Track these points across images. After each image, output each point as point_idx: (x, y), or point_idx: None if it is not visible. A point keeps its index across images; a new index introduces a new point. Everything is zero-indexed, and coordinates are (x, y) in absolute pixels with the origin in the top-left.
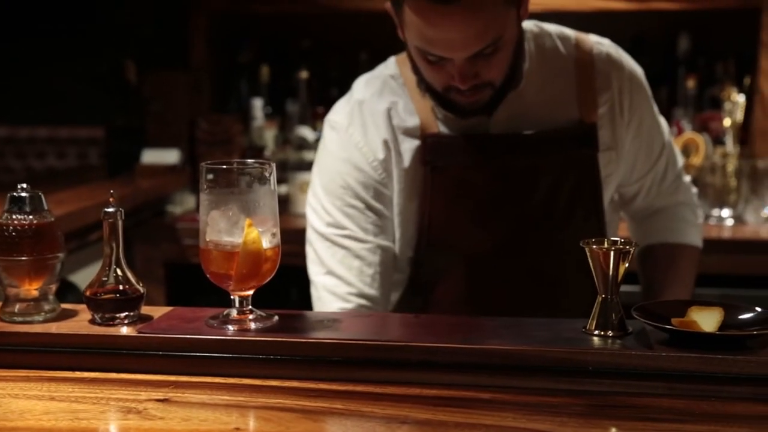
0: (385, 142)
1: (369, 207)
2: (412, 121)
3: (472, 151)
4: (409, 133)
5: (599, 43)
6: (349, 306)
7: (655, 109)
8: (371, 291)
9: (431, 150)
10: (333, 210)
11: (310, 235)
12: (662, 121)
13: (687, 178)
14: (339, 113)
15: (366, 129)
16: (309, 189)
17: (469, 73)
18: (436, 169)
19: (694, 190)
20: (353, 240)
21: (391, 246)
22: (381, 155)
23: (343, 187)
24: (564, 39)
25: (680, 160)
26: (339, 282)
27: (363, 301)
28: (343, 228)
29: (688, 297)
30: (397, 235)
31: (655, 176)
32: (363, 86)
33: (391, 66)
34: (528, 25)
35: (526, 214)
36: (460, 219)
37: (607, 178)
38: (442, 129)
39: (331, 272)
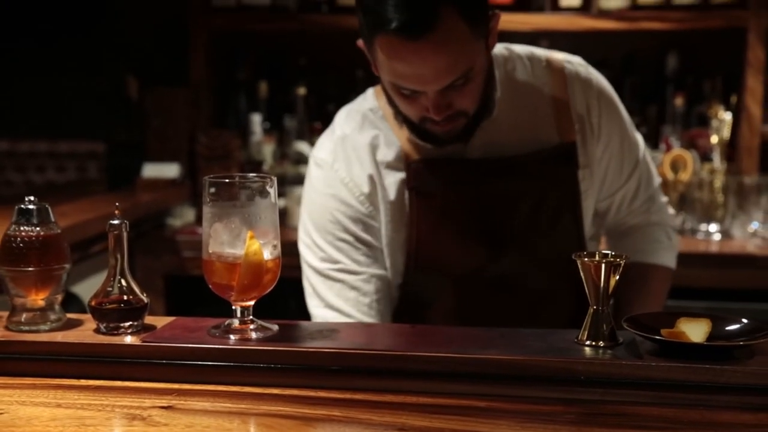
0: (371, 177)
1: (359, 239)
2: (394, 153)
3: (454, 174)
4: (392, 166)
5: (569, 62)
6: None
7: (628, 125)
8: (369, 320)
9: (415, 175)
10: (324, 245)
11: (306, 270)
12: (638, 139)
13: (663, 199)
14: (323, 150)
15: (350, 164)
16: (299, 225)
17: (442, 104)
18: (420, 194)
19: (671, 211)
20: (347, 273)
21: (384, 273)
22: (366, 189)
23: (332, 222)
24: (534, 60)
25: (656, 180)
26: (337, 315)
27: None
28: (336, 262)
29: None
30: (387, 263)
31: (626, 194)
32: (344, 121)
33: (369, 99)
34: (498, 49)
35: (509, 234)
36: (446, 242)
37: (585, 194)
38: (424, 155)
39: (329, 306)
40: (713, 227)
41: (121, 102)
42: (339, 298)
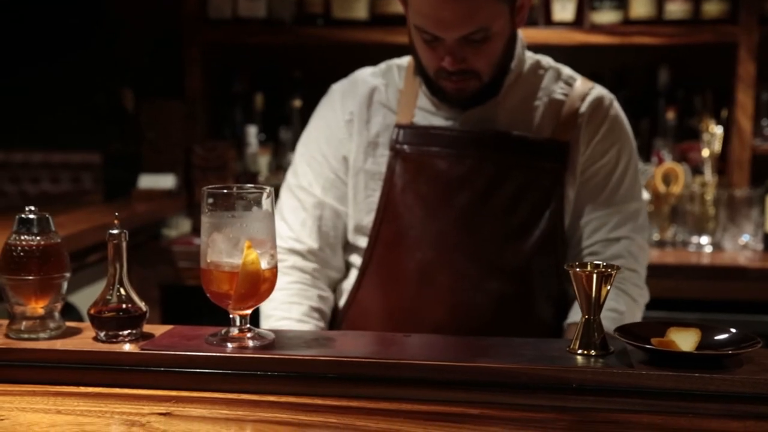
0: (359, 107)
1: (327, 162)
2: (393, 103)
3: (438, 140)
4: (385, 107)
5: (595, 88)
6: (282, 245)
7: (630, 175)
8: (309, 241)
9: (401, 138)
10: (299, 161)
11: (282, 185)
12: (636, 194)
13: (641, 272)
14: (338, 82)
15: (347, 93)
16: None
17: (458, 56)
18: (400, 153)
19: (646, 289)
20: (306, 193)
21: (341, 210)
22: (348, 117)
23: (312, 139)
24: (566, 78)
25: (639, 242)
26: (284, 226)
27: (297, 245)
28: (302, 176)
29: None
30: (351, 208)
31: (587, 224)
32: (371, 68)
33: (404, 59)
34: (543, 60)
35: (479, 211)
36: (413, 203)
37: (570, 198)
38: (416, 121)
39: (282, 218)
40: (704, 240)
41: (117, 114)
42: (292, 213)
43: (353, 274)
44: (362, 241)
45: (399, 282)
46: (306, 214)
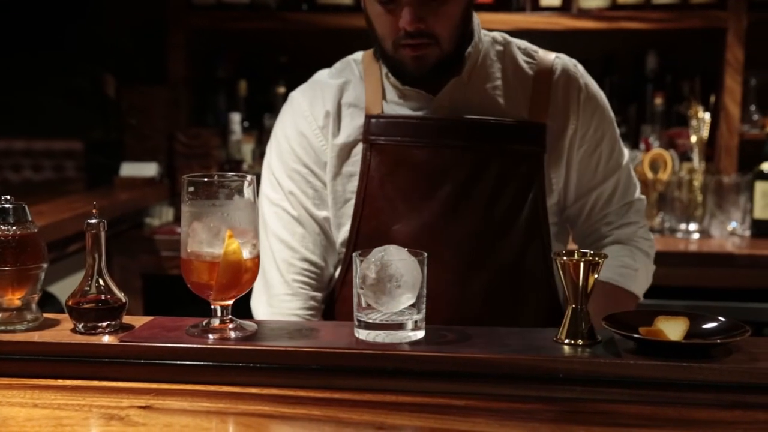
0: (327, 113)
1: (312, 172)
2: (360, 99)
3: (414, 130)
4: (353, 107)
5: (559, 57)
6: (294, 269)
7: (616, 134)
8: (314, 257)
9: (373, 129)
10: (281, 175)
11: (261, 200)
12: (623, 150)
13: (643, 221)
14: (297, 90)
15: (314, 99)
16: (264, 161)
17: (416, 14)
18: (374, 148)
19: (651, 236)
20: (297, 207)
21: (327, 216)
22: (321, 122)
23: (288, 152)
24: (528, 49)
25: (637, 194)
26: (283, 247)
27: (307, 266)
28: (287, 191)
29: None
30: (331, 212)
31: (600, 195)
32: (327, 69)
33: (358, 54)
34: (497, 35)
35: (462, 202)
36: (393, 196)
37: (553, 181)
38: (387, 110)
39: (276, 236)
40: (692, 226)
41: (99, 100)
42: (286, 230)
43: (338, 269)
44: (343, 236)
45: None
46: (304, 230)
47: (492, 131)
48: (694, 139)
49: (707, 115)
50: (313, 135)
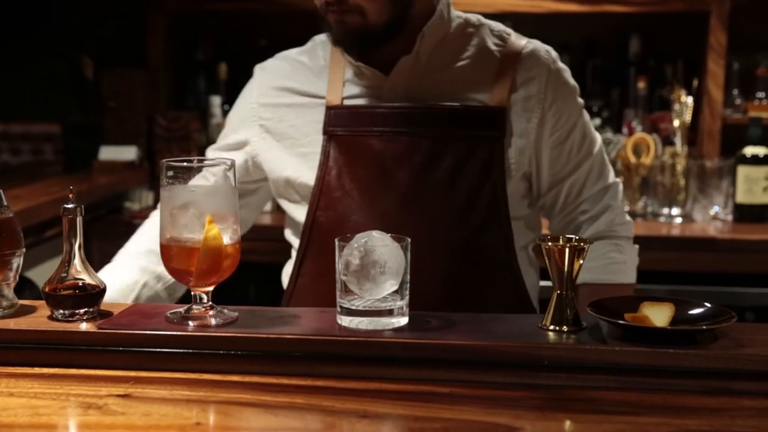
0: (283, 88)
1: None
2: (320, 86)
3: (369, 119)
4: (309, 94)
5: (531, 42)
6: None
7: (586, 121)
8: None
9: (331, 120)
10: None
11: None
12: (595, 136)
13: (620, 208)
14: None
15: (271, 72)
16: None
17: None
18: (334, 137)
19: (628, 218)
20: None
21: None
22: (267, 99)
23: (229, 119)
24: (500, 32)
25: (611, 178)
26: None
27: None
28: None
29: None
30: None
31: (575, 183)
32: (297, 49)
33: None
34: (472, 17)
35: (420, 189)
36: (351, 187)
37: (513, 166)
38: (346, 102)
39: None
40: (675, 211)
41: (77, 83)
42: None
43: (293, 258)
44: (299, 223)
45: None
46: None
47: (448, 116)
48: (676, 123)
49: (690, 99)
50: (259, 106)
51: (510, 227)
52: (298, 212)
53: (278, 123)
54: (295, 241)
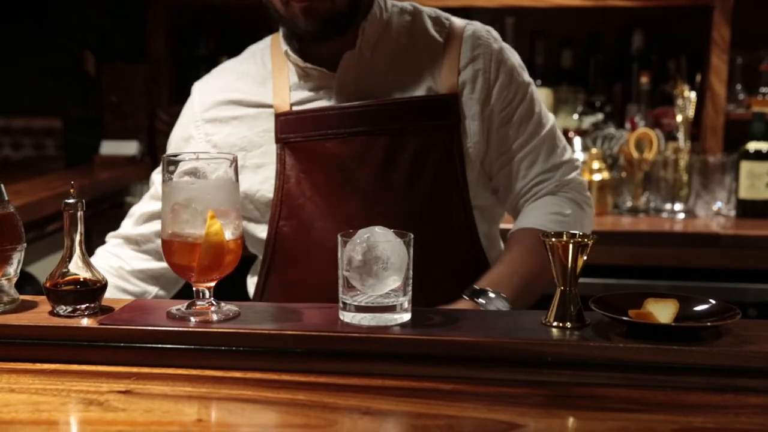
0: (227, 102)
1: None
2: (265, 94)
3: (324, 122)
4: (255, 104)
5: (471, 24)
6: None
7: (534, 98)
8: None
9: (282, 127)
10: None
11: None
12: (545, 113)
13: (576, 181)
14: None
15: (214, 86)
16: None
17: None
18: (286, 146)
19: (589, 194)
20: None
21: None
22: (211, 113)
23: (171, 141)
24: (438, 18)
25: (566, 159)
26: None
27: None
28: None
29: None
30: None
31: (522, 160)
32: (232, 60)
33: (266, 40)
34: (406, 5)
35: (381, 188)
36: (311, 193)
37: (472, 152)
38: (295, 108)
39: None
40: (677, 206)
41: (78, 78)
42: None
43: (257, 271)
44: (261, 239)
45: (312, 276)
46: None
47: (401, 111)
48: (679, 118)
49: (693, 95)
50: (194, 125)
51: (473, 215)
52: (259, 229)
53: (227, 137)
54: (257, 254)
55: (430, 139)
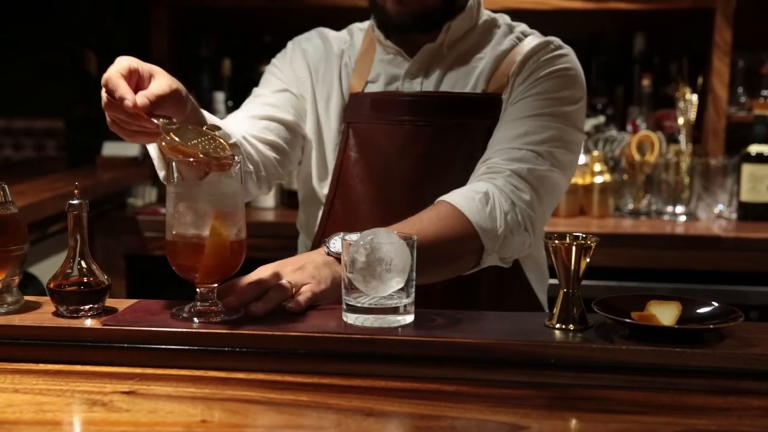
0: (324, 58)
1: (282, 85)
2: (348, 69)
3: (382, 106)
4: (344, 70)
5: (546, 39)
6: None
7: (565, 110)
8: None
9: (351, 107)
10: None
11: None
12: (567, 139)
13: (529, 190)
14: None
15: (318, 39)
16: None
17: None
18: (351, 126)
19: (527, 198)
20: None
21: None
22: (307, 72)
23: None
24: (519, 33)
25: (544, 172)
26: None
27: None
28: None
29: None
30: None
31: (502, 135)
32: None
33: (366, 22)
34: (498, 16)
35: (420, 178)
36: (363, 176)
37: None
38: (367, 89)
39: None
40: (679, 209)
41: (80, 78)
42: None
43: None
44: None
45: None
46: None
47: (450, 103)
48: (681, 121)
49: (695, 97)
50: (302, 66)
51: None
52: (322, 185)
53: (314, 64)
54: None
55: (470, 134)
